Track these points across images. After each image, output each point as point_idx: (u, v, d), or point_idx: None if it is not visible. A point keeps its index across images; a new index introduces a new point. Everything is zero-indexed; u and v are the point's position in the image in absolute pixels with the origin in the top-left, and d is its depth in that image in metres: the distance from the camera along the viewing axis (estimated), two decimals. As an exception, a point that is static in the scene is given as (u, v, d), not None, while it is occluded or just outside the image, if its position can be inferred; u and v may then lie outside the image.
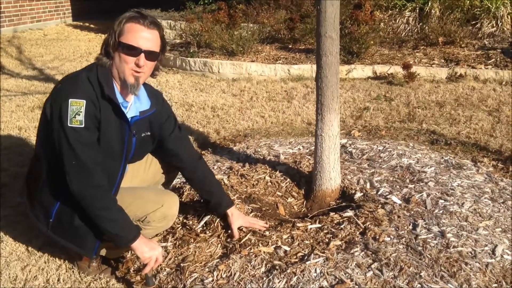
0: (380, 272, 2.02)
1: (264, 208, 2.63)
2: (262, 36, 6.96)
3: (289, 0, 7.93)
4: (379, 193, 2.69)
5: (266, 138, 3.86)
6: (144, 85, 2.17)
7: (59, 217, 2.05)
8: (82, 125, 1.89)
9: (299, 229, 2.36)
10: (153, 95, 2.24)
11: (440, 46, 6.39)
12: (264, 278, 2.03)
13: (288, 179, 2.94)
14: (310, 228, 2.37)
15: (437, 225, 2.33)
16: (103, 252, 2.22)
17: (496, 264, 2.07)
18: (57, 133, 1.91)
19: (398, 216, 2.42)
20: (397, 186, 2.76)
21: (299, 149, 3.43)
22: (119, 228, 1.98)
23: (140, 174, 2.37)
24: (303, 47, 6.69)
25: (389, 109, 4.60)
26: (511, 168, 3.10)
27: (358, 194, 2.71)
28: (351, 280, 1.98)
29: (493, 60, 5.82)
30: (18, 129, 4.12)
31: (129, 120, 2.07)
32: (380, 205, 2.53)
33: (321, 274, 2.02)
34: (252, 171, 3.01)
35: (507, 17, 6.53)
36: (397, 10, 7.08)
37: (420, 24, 6.83)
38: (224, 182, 2.83)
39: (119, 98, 2.03)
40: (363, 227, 2.34)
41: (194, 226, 2.43)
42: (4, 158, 3.53)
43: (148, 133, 2.21)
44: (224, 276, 2.07)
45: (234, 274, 2.06)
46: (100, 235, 2.04)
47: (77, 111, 1.89)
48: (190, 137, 3.88)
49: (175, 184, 2.83)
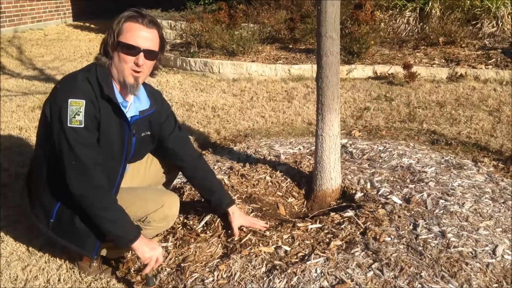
0: (381, 272, 2.02)
1: (264, 208, 2.63)
2: (263, 36, 6.95)
3: (290, 0, 7.92)
4: (379, 193, 2.69)
5: (266, 138, 3.86)
6: (144, 85, 2.17)
7: (59, 218, 2.05)
8: (82, 125, 1.89)
9: (299, 229, 2.36)
10: (153, 95, 2.24)
11: (441, 46, 6.39)
12: (265, 278, 2.03)
13: (288, 179, 2.94)
14: (311, 228, 2.37)
15: (438, 225, 2.33)
16: (104, 252, 2.22)
17: (497, 264, 2.07)
18: (57, 133, 1.91)
19: (399, 216, 2.42)
20: (398, 186, 2.76)
21: (299, 149, 3.43)
22: (119, 229, 1.98)
23: (141, 174, 2.37)
24: (304, 47, 6.69)
25: (390, 109, 4.60)
26: (511, 168, 3.10)
27: (358, 194, 2.71)
28: (352, 280, 1.98)
29: (493, 60, 5.82)
30: (18, 129, 4.12)
31: (129, 119, 2.07)
32: (380, 205, 2.53)
33: (322, 274, 2.02)
34: (253, 171, 3.01)
35: (507, 17, 6.53)
36: (397, 10, 7.08)
37: (421, 24, 6.83)
38: (224, 182, 2.83)
39: (119, 97, 2.03)
40: (363, 227, 2.34)
41: (194, 226, 2.43)
42: (5, 158, 3.54)
43: (148, 132, 2.21)
44: (224, 276, 2.07)
45: (235, 274, 2.07)
46: (100, 235, 2.04)
47: (76, 111, 1.89)
48: (190, 137, 3.88)
49: (176, 184, 2.83)
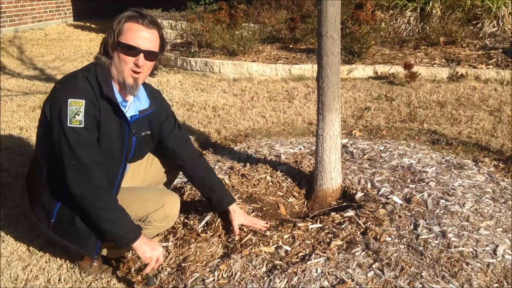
0: (381, 272, 2.02)
1: (265, 208, 2.63)
2: (263, 36, 6.95)
3: (290, 0, 7.92)
4: (380, 193, 2.69)
5: (267, 138, 3.86)
6: (143, 85, 2.17)
7: (60, 218, 2.05)
8: (82, 125, 1.89)
9: (300, 229, 2.36)
10: (152, 94, 2.24)
11: (441, 46, 6.38)
12: (265, 278, 2.03)
13: (289, 179, 2.94)
14: (311, 228, 2.37)
15: (438, 225, 2.33)
16: (104, 252, 2.22)
17: (497, 264, 2.07)
18: (57, 133, 1.91)
19: (399, 216, 2.42)
20: (398, 186, 2.76)
21: (300, 149, 3.43)
22: (119, 228, 1.98)
23: (141, 173, 2.37)
24: (304, 47, 6.69)
25: (390, 109, 4.60)
26: (512, 168, 3.10)
27: (359, 194, 2.71)
28: (352, 280, 1.98)
29: (494, 60, 5.81)
30: (19, 129, 4.13)
31: (129, 119, 2.07)
32: (381, 205, 2.53)
33: (322, 274, 2.02)
34: (253, 171, 3.01)
35: (508, 17, 6.53)
36: (398, 10, 7.07)
37: (421, 24, 6.82)
38: (225, 182, 2.83)
39: (118, 97, 2.02)
40: (364, 227, 2.34)
41: (195, 226, 2.43)
42: (5, 158, 3.54)
43: (148, 132, 2.21)
44: (225, 276, 2.07)
45: (235, 274, 2.07)
46: (101, 235, 2.04)
47: (76, 111, 1.89)
48: (191, 137, 3.88)
49: (176, 184, 2.84)
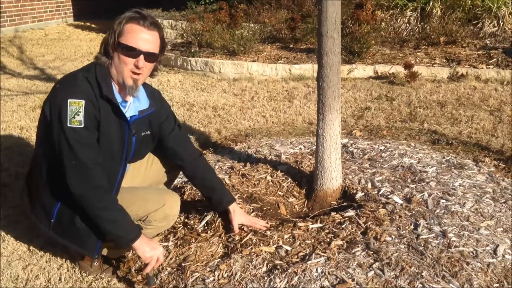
0: (382, 272, 2.02)
1: (265, 208, 2.64)
2: (263, 35, 6.95)
3: (291, 0, 7.92)
4: (380, 193, 2.69)
5: (267, 137, 3.86)
6: (143, 85, 2.17)
7: (60, 218, 2.05)
8: (82, 125, 1.89)
9: (300, 228, 2.36)
10: (152, 95, 2.24)
11: (442, 45, 6.38)
12: (265, 278, 2.03)
13: (289, 179, 2.94)
14: (312, 228, 2.37)
15: (439, 225, 2.33)
16: (105, 251, 2.22)
17: (498, 264, 2.07)
18: (57, 133, 1.91)
19: (400, 216, 2.42)
20: (399, 186, 2.76)
21: (300, 148, 3.43)
22: (119, 228, 1.98)
23: (141, 173, 2.37)
24: (304, 46, 6.69)
25: (391, 109, 4.60)
26: (512, 168, 3.10)
27: (359, 194, 2.71)
28: (353, 280, 1.98)
29: (494, 59, 5.81)
30: (19, 129, 4.13)
31: (128, 119, 2.07)
32: (381, 205, 2.53)
33: (323, 274, 2.02)
34: (253, 170, 3.01)
35: (508, 16, 6.52)
36: (398, 9, 7.07)
37: (422, 23, 6.82)
38: (225, 181, 2.83)
39: (118, 97, 2.03)
40: (364, 227, 2.34)
41: (195, 226, 2.43)
42: (5, 157, 3.54)
43: (148, 132, 2.21)
44: (225, 275, 2.07)
45: (235, 273, 2.07)
46: (101, 235, 2.04)
47: (76, 111, 1.89)
48: (191, 137, 3.88)
49: (176, 184, 2.84)
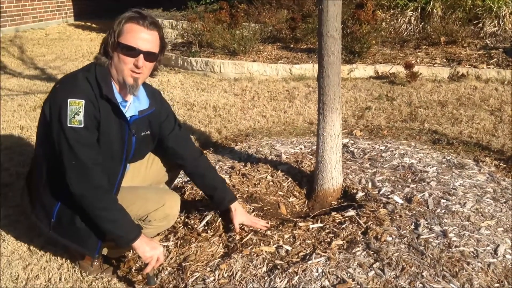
0: (382, 271, 2.02)
1: (265, 208, 2.63)
2: (264, 35, 6.95)
3: (291, 0, 7.92)
4: (381, 192, 2.69)
5: (267, 137, 3.85)
6: (143, 85, 2.17)
7: (60, 217, 2.05)
8: (82, 125, 1.89)
9: (300, 228, 2.36)
10: (152, 95, 2.24)
11: (442, 45, 6.38)
12: (266, 278, 2.03)
13: (289, 179, 2.94)
14: (312, 228, 2.36)
15: (439, 225, 2.33)
16: (105, 251, 2.22)
17: (498, 264, 2.07)
18: (57, 133, 1.91)
19: (400, 216, 2.41)
20: (399, 186, 2.75)
21: (300, 148, 3.43)
22: (119, 228, 1.98)
23: (142, 173, 2.37)
24: (305, 46, 6.69)
25: (391, 109, 4.60)
26: (513, 168, 3.09)
27: (360, 194, 2.71)
28: (353, 280, 1.98)
29: (495, 59, 5.81)
30: (20, 129, 4.13)
31: (128, 119, 2.07)
32: (382, 205, 2.53)
33: (323, 273, 2.01)
34: (254, 170, 3.01)
35: (509, 16, 6.52)
36: (399, 9, 7.06)
37: (422, 23, 6.81)
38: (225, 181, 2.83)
39: (118, 97, 2.03)
40: (364, 226, 2.34)
41: (195, 226, 2.43)
42: (6, 157, 3.54)
43: (148, 132, 2.21)
44: (225, 275, 2.07)
45: (236, 273, 2.06)
46: (102, 235, 2.04)
47: (76, 111, 1.89)
48: (191, 136, 3.88)
49: (177, 183, 2.84)
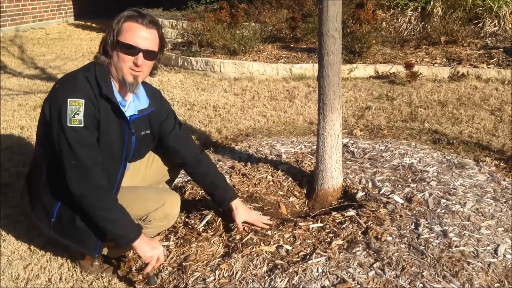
0: (382, 271, 2.02)
1: (266, 208, 2.63)
2: (264, 35, 6.95)
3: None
4: (381, 192, 2.69)
5: (268, 137, 3.85)
6: (143, 84, 2.17)
7: (60, 217, 2.05)
8: (82, 125, 1.89)
9: (301, 228, 2.36)
10: (152, 94, 2.24)
11: (442, 45, 6.37)
12: (266, 277, 2.03)
13: (290, 179, 2.94)
14: (312, 228, 2.36)
15: (439, 225, 2.33)
16: (105, 251, 2.22)
17: (499, 263, 2.07)
18: (57, 133, 1.91)
19: (400, 216, 2.41)
20: (399, 186, 2.75)
21: (301, 148, 3.43)
22: (119, 228, 1.98)
23: (142, 172, 2.37)
24: (305, 46, 6.69)
25: (391, 109, 4.60)
26: (513, 168, 3.09)
27: (360, 194, 2.71)
28: (353, 280, 1.97)
29: (495, 59, 5.81)
30: (20, 128, 4.13)
31: (128, 118, 2.07)
32: (382, 205, 2.53)
33: (323, 273, 2.01)
34: (254, 170, 3.01)
35: (509, 16, 6.52)
36: (399, 9, 7.06)
37: (422, 23, 6.81)
38: (226, 181, 2.83)
39: (118, 97, 2.03)
40: (365, 226, 2.34)
41: (196, 225, 2.43)
42: (6, 157, 3.54)
43: (148, 131, 2.21)
44: (226, 275, 2.07)
45: (236, 273, 2.06)
46: (102, 234, 2.04)
47: (76, 110, 1.89)
48: (192, 136, 3.88)
49: (177, 183, 2.84)
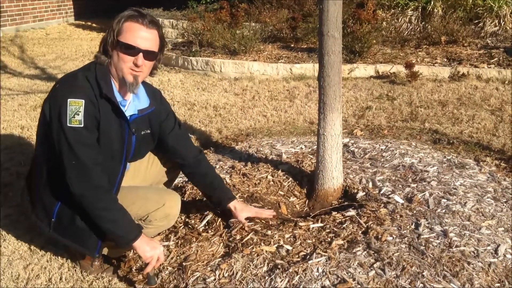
0: (383, 271, 2.01)
1: (266, 207, 2.63)
2: (264, 35, 6.95)
3: (291, -1, 7.92)
4: (381, 192, 2.68)
5: (268, 137, 3.85)
6: (143, 84, 2.17)
7: (60, 217, 2.05)
8: (82, 125, 1.89)
9: (301, 228, 2.36)
10: (152, 93, 2.24)
11: (443, 45, 6.37)
12: (266, 277, 2.03)
13: (290, 178, 2.94)
14: (312, 228, 2.36)
15: (440, 225, 2.32)
16: (105, 251, 2.22)
17: (499, 263, 2.06)
18: (57, 133, 1.90)
19: (401, 216, 2.41)
20: (400, 186, 2.75)
21: (301, 148, 3.43)
22: (119, 228, 1.98)
23: (142, 172, 2.37)
24: (305, 46, 6.68)
25: (392, 108, 4.60)
26: (514, 168, 3.09)
27: (360, 194, 2.71)
28: (353, 280, 1.97)
29: (495, 59, 5.81)
30: (20, 128, 4.13)
31: (128, 118, 2.07)
32: (382, 205, 2.53)
33: (323, 273, 2.01)
34: (254, 170, 3.00)
35: (510, 16, 6.51)
36: (399, 9, 7.06)
37: (423, 23, 6.81)
38: (226, 181, 2.83)
39: (118, 96, 2.03)
40: (365, 226, 2.34)
41: (196, 225, 2.43)
42: (6, 157, 3.54)
43: (148, 131, 2.21)
44: (226, 275, 2.07)
45: (236, 273, 2.06)
46: (102, 234, 2.04)
47: (76, 110, 1.89)
48: (192, 136, 3.88)
49: (177, 183, 2.83)
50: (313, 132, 3.92)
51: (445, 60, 5.96)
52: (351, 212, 2.47)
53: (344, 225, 2.36)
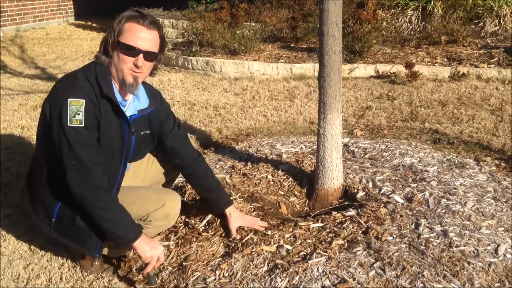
0: (383, 271, 2.02)
1: (266, 207, 2.63)
2: (264, 35, 6.95)
3: (292, -1, 7.92)
4: (381, 192, 2.69)
5: (268, 137, 3.85)
6: (143, 84, 2.17)
7: (60, 217, 2.05)
8: (82, 125, 1.89)
9: (301, 228, 2.36)
10: (152, 94, 2.24)
11: (443, 45, 6.37)
12: (266, 277, 2.03)
13: (290, 178, 2.94)
14: (313, 227, 2.36)
15: (440, 224, 2.32)
16: (105, 251, 2.22)
17: (499, 263, 2.07)
18: (57, 133, 1.90)
19: (401, 215, 2.41)
20: (400, 185, 2.75)
21: (301, 148, 3.43)
22: (119, 228, 1.98)
23: (142, 173, 2.37)
24: (306, 46, 6.68)
25: (392, 108, 4.59)
26: (514, 167, 3.09)
27: (360, 193, 2.71)
28: (354, 279, 1.97)
29: (496, 59, 5.81)
30: (20, 128, 4.13)
31: (128, 118, 2.07)
32: (382, 204, 2.53)
33: (324, 273, 2.01)
34: (254, 170, 3.00)
35: (510, 16, 6.51)
36: (399, 9, 7.06)
37: (423, 23, 6.81)
38: (226, 181, 2.83)
39: (118, 96, 2.03)
40: (365, 226, 2.34)
41: (196, 225, 2.43)
42: (6, 157, 3.54)
43: (148, 131, 2.21)
44: (226, 275, 2.07)
45: (236, 273, 2.06)
46: (102, 234, 2.04)
47: (76, 110, 1.89)
48: (192, 136, 3.89)
49: (177, 183, 2.83)
50: (313, 132, 3.92)
51: (445, 60, 5.96)
52: (351, 212, 2.47)
53: (344, 225, 2.36)
